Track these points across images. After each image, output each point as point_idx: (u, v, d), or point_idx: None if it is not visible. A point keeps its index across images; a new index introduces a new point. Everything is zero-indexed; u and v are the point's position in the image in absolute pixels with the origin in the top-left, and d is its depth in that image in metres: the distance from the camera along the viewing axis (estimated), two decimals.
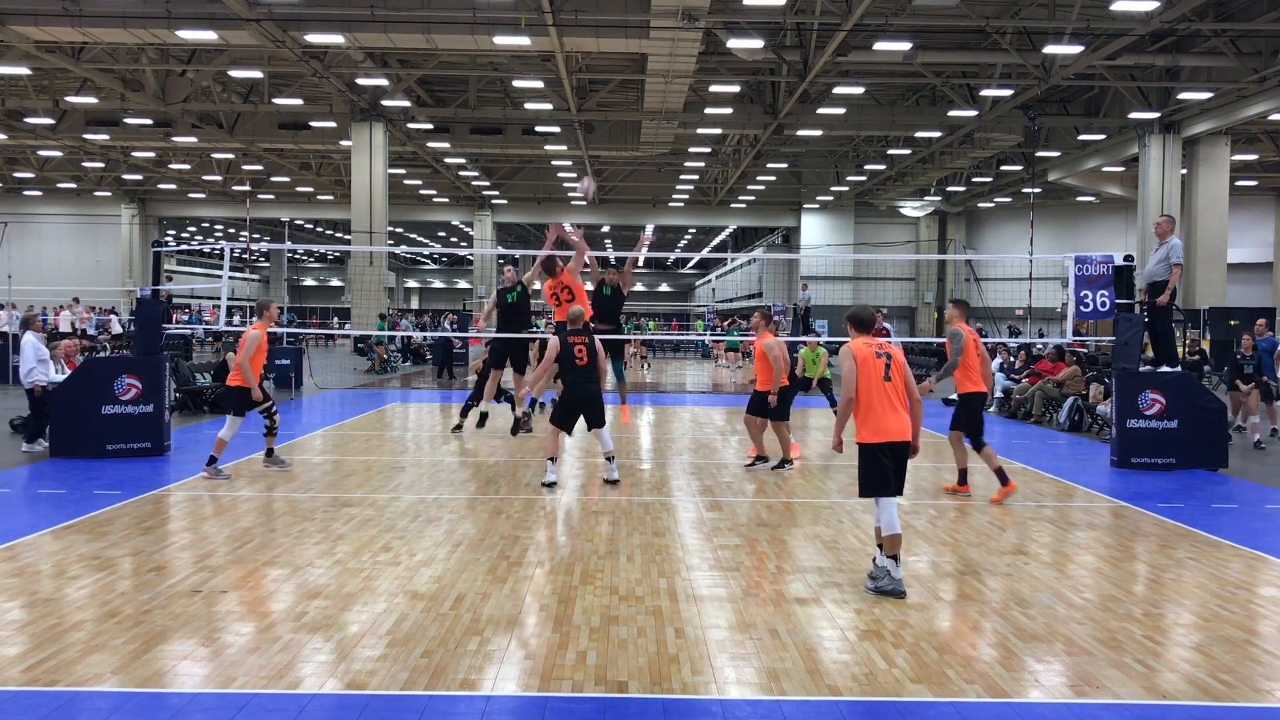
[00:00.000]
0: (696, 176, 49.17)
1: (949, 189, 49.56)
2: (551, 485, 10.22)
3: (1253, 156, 38.29)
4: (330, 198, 52.79)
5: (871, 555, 6.94)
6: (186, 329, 27.18)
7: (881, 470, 6.56)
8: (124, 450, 11.82)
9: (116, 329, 34.38)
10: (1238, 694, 4.94)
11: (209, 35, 22.93)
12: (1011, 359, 20.37)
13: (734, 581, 6.82)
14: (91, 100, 32.03)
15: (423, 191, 51.77)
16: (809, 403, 19.33)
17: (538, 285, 12.91)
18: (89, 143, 38.44)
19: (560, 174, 47.12)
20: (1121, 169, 40.06)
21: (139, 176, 49.93)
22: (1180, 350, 20.78)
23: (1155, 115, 30.99)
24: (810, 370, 15.94)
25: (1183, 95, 28.87)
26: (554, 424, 10.32)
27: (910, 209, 54.22)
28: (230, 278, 14.80)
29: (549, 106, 32.08)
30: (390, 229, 41.37)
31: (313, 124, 35.33)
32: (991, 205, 53.21)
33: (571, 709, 4.67)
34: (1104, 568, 7.37)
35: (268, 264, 73.25)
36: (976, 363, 10.03)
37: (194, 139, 37.09)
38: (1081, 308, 12.48)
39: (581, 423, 10.49)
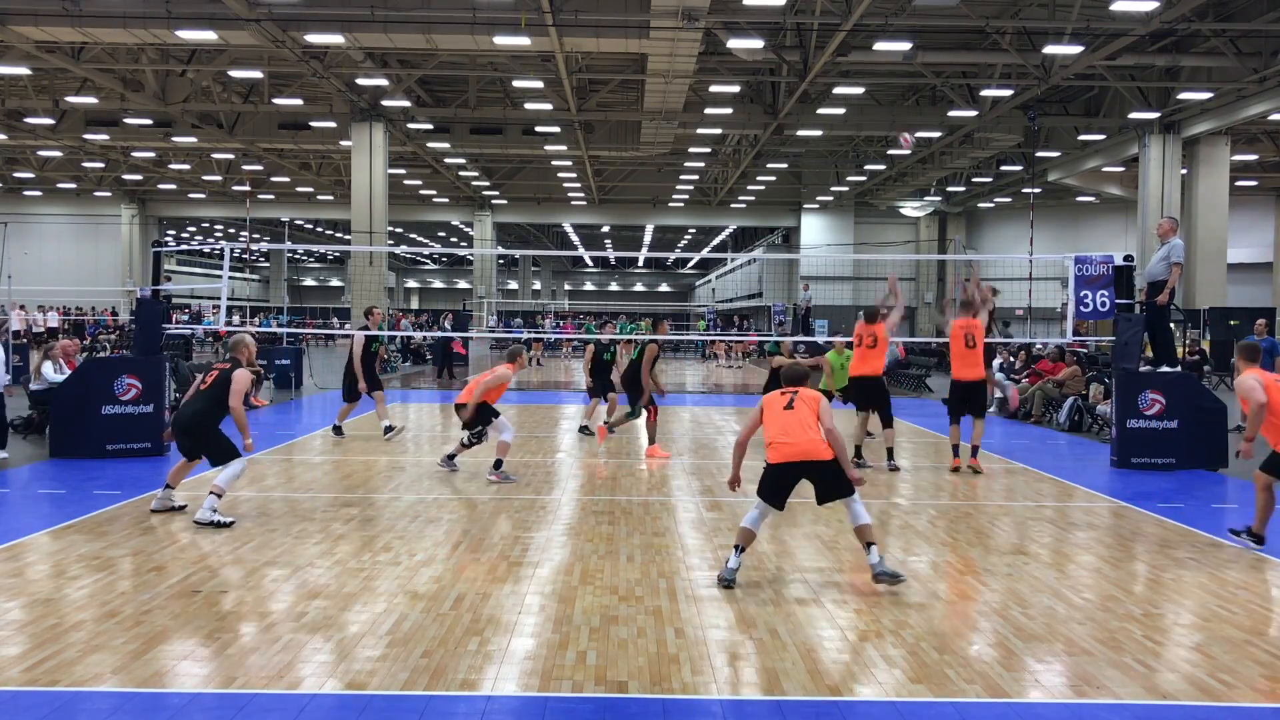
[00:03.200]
0: (696, 176, 49.16)
1: (949, 189, 49.56)
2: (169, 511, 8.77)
3: (1253, 156, 38.28)
4: (330, 198, 52.79)
5: (865, 555, 6.93)
6: (187, 329, 27.17)
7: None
8: (124, 450, 11.81)
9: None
10: (1238, 694, 4.94)
11: (209, 35, 22.93)
12: (1011, 359, 20.37)
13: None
14: (91, 100, 32.03)
15: (423, 191, 51.77)
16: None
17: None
18: (89, 143, 38.44)
19: (560, 174, 47.12)
20: (1121, 169, 40.04)
21: (139, 176, 49.93)
22: (1180, 350, 20.78)
23: (1155, 115, 30.99)
24: (839, 379, 13.81)
25: (1183, 95, 28.87)
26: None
27: (910, 209, 54.20)
28: (230, 278, 14.80)
29: (549, 106, 32.07)
30: (390, 229, 41.38)
31: (313, 124, 35.33)
32: (991, 205, 53.20)
33: (571, 709, 4.67)
34: (1104, 568, 7.37)
35: (268, 264, 73.27)
36: (960, 352, 11.15)
37: (194, 139, 37.09)
38: (1081, 308, 12.49)
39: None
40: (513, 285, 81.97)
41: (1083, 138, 36.49)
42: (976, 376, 11.34)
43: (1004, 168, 43.26)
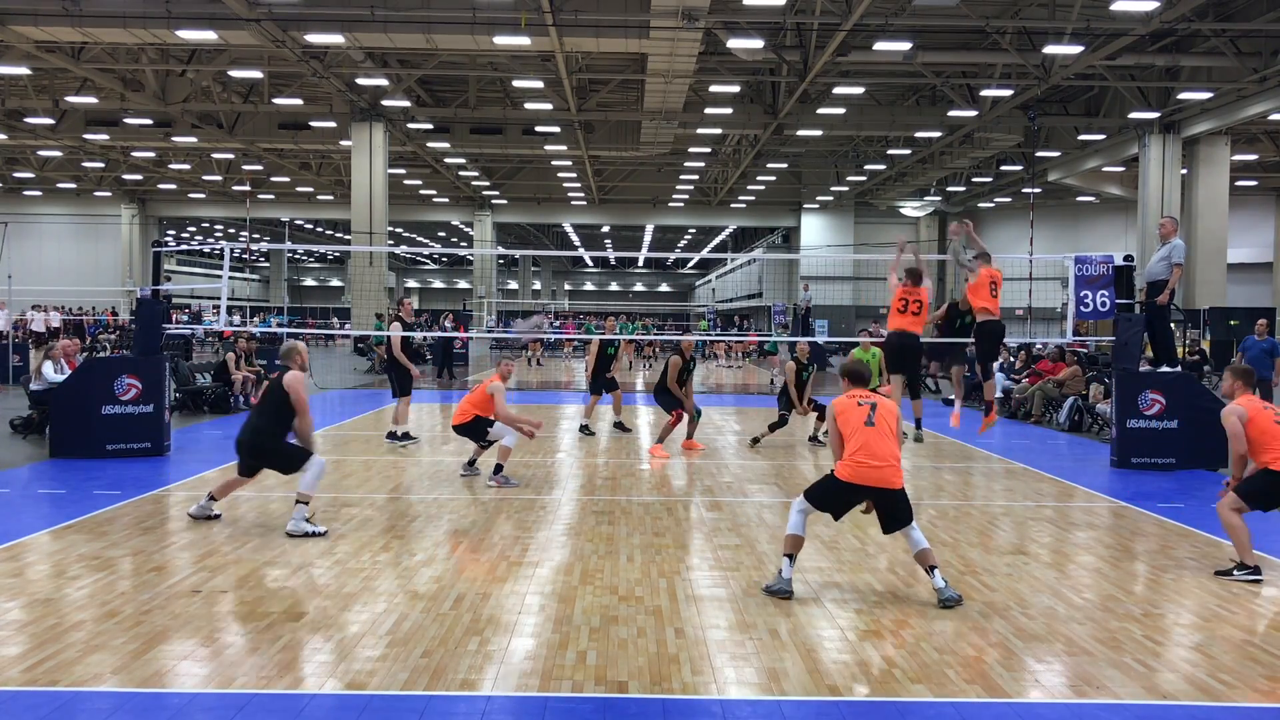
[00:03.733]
0: (696, 176, 49.15)
1: (949, 189, 49.55)
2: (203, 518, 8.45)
3: (1253, 156, 38.27)
4: (330, 198, 52.77)
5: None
6: (187, 329, 27.19)
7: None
8: (124, 450, 11.81)
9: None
10: (1238, 694, 4.94)
11: (209, 35, 22.91)
12: (1011, 359, 20.38)
13: (734, 581, 6.82)
14: (91, 100, 32.01)
15: (423, 191, 51.76)
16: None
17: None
18: (89, 143, 38.42)
19: (560, 174, 47.12)
20: (1121, 169, 40.03)
21: (139, 176, 49.91)
22: (1180, 350, 20.77)
23: (1155, 115, 30.97)
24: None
25: (1183, 95, 28.85)
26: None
27: (910, 209, 54.20)
28: (230, 278, 14.79)
29: (549, 106, 32.06)
30: (390, 229, 41.37)
31: (313, 124, 35.31)
32: (991, 205, 53.18)
33: (571, 709, 4.67)
34: (1104, 568, 7.37)
35: (268, 264, 73.27)
36: (987, 298, 10.86)
37: (194, 139, 37.07)
38: (1081, 308, 12.49)
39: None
40: (513, 285, 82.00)
41: (1083, 138, 36.47)
42: (998, 315, 11.07)
43: (1004, 168, 43.25)
